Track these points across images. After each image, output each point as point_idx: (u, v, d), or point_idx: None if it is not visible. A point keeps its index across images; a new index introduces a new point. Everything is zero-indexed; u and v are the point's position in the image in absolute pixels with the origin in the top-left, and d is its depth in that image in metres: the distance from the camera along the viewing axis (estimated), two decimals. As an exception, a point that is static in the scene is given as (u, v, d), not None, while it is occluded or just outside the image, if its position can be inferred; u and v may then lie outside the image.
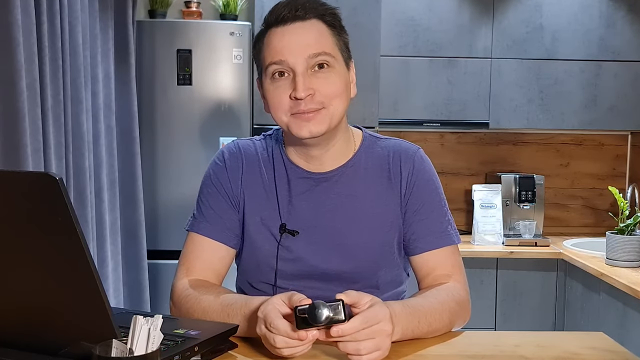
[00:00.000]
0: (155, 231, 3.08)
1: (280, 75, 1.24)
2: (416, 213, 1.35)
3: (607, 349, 1.17)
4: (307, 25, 1.24)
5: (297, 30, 1.24)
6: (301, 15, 1.24)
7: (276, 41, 1.24)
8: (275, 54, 1.23)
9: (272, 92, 1.26)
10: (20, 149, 1.99)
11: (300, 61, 1.22)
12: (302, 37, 1.23)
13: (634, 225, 2.81)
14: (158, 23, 3.14)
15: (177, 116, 3.06)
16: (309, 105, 1.23)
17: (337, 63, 1.26)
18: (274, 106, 1.26)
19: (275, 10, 1.25)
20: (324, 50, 1.23)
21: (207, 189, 1.38)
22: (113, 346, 0.84)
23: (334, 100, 1.25)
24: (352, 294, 1.07)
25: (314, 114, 1.24)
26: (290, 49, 1.22)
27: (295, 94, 1.22)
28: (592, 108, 3.45)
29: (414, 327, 1.16)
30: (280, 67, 1.23)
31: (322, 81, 1.24)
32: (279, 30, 1.24)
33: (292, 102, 1.23)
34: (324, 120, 1.25)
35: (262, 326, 1.07)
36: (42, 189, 0.89)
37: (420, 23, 3.37)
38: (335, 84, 1.25)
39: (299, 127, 1.25)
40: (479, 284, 3.22)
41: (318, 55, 1.23)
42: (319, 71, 1.24)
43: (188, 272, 1.33)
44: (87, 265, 0.90)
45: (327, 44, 1.25)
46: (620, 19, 3.41)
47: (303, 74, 1.22)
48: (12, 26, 1.94)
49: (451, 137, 3.77)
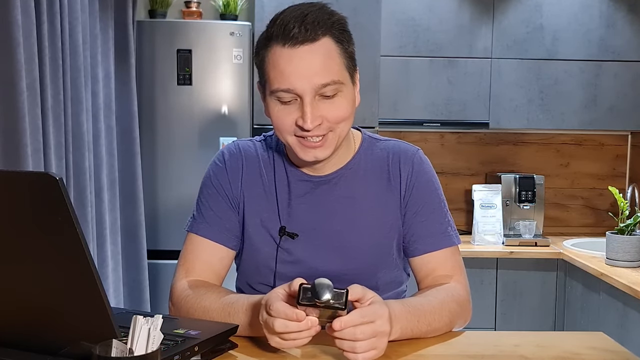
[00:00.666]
0: (155, 231, 3.08)
1: (287, 100, 1.20)
2: (416, 214, 1.34)
3: (607, 349, 1.17)
4: (316, 48, 1.18)
5: (307, 54, 1.17)
6: (311, 36, 1.17)
7: (283, 64, 1.18)
8: (282, 80, 1.18)
9: (277, 114, 1.22)
10: (20, 149, 1.99)
11: (308, 90, 1.18)
12: (311, 64, 1.17)
13: (634, 225, 2.81)
14: (158, 23, 3.14)
15: (177, 116, 3.06)
16: (316, 132, 1.21)
17: (345, 87, 1.22)
18: (277, 127, 1.24)
19: (282, 24, 1.18)
20: (333, 79, 1.19)
21: (207, 190, 1.37)
22: (113, 346, 0.84)
23: (341, 124, 1.23)
24: (357, 289, 1.07)
25: (321, 141, 1.22)
26: (298, 75, 1.17)
27: (302, 124, 1.19)
28: (592, 108, 3.45)
29: (412, 327, 1.16)
30: (288, 93, 1.19)
31: (329, 107, 1.20)
32: (287, 52, 1.17)
33: (296, 127, 1.21)
34: (331, 145, 1.24)
35: (263, 312, 1.07)
36: (42, 189, 0.88)
37: (420, 23, 3.37)
38: (343, 109, 1.22)
39: (305, 152, 1.24)
40: (479, 284, 3.22)
41: (327, 85, 1.19)
42: (327, 98, 1.20)
43: (187, 273, 1.33)
44: (87, 265, 0.90)
45: (336, 69, 1.20)
46: (620, 19, 3.41)
47: (311, 102, 1.19)
48: (12, 26, 1.94)
49: (451, 137, 3.77)
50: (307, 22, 1.17)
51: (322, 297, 1.00)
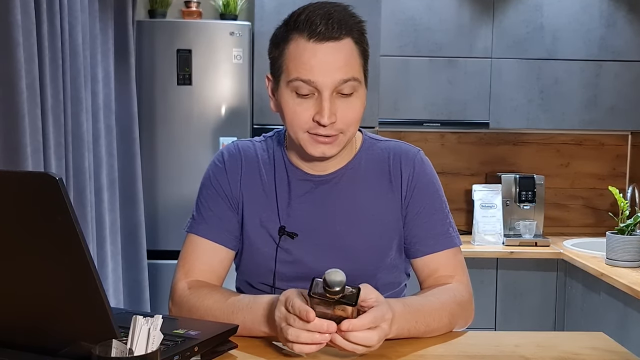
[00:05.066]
0: (155, 231, 3.08)
1: (304, 94, 1.22)
2: (417, 216, 1.34)
3: (607, 349, 1.17)
4: (340, 47, 1.20)
5: (331, 50, 1.20)
6: (337, 35, 1.20)
7: (307, 57, 1.20)
8: (304, 71, 1.20)
9: (292, 107, 1.24)
10: (20, 149, 1.98)
11: (329, 84, 1.20)
12: (335, 59, 1.20)
13: (634, 225, 2.81)
14: (158, 23, 3.14)
15: (177, 116, 3.06)
16: (329, 131, 1.23)
17: (361, 87, 1.25)
18: (290, 121, 1.25)
19: (308, 19, 1.20)
20: (353, 75, 1.22)
21: (207, 191, 1.37)
22: (113, 346, 0.84)
23: (351, 127, 1.25)
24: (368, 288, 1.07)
25: (331, 138, 1.24)
26: (321, 69, 1.19)
27: (319, 119, 1.20)
28: (593, 108, 3.45)
29: (410, 327, 1.17)
30: (308, 85, 1.21)
31: (344, 106, 1.23)
32: (311, 46, 1.19)
33: (312, 123, 1.22)
34: (339, 144, 1.26)
35: (281, 307, 1.07)
36: (42, 189, 0.88)
37: (420, 23, 3.37)
38: (356, 110, 1.25)
39: (314, 147, 1.25)
40: (479, 284, 3.22)
41: (347, 81, 1.21)
42: (344, 96, 1.23)
43: (187, 273, 1.33)
44: (87, 265, 0.90)
45: (356, 68, 1.23)
46: (620, 18, 3.41)
47: (330, 97, 1.21)
48: (12, 26, 1.94)
49: (451, 137, 3.77)
50: (334, 20, 1.20)
51: (335, 285, 0.99)
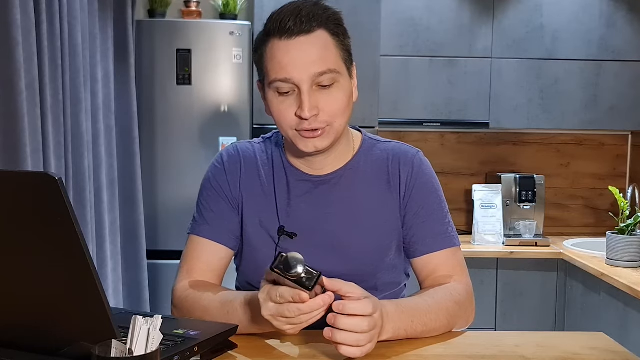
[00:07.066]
0: (155, 231, 3.08)
1: (285, 92, 1.23)
2: (416, 216, 1.34)
3: (607, 349, 1.17)
4: (312, 39, 1.21)
5: (302, 45, 1.20)
6: (307, 28, 1.20)
7: (280, 56, 1.21)
8: (280, 70, 1.21)
9: (277, 107, 1.25)
10: (20, 149, 1.98)
11: (305, 78, 1.20)
12: (307, 54, 1.20)
13: (634, 226, 2.81)
14: (157, 23, 3.13)
15: (177, 116, 3.06)
16: (314, 124, 1.23)
17: (342, 77, 1.25)
18: (278, 121, 1.26)
19: (278, 19, 1.21)
20: (329, 67, 1.22)
21: (207, 192, 1.38)
22: (113, 346, 0.84)
23: (337, 118, 1.25)
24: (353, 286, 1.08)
25: (319, 132, 1.24)
26: (295, 65, 1.20)
27: (300, 113, 1.21)
28: (593, 108, 3.45)
29: (406, 327, 1.16)
30: (286, 83, 1.22)
31: (326, 98, 1.23)
32: (283, 44, 1.21)
33: (297, 120, 1.23)
34: (329, 137, 1.26)
35: (268, 304, 1.07)
36: (42, 189, 0.88)
37: (420, 23, 3.37)
38: (339, 100, 1.24)
39: (305, 143, 1.26)
40: (479, 284, 3.22)
41: (323, 73, 1.21)
42: (324, 88, 1.23)
43: (188, 274, 1.34)
44: (87, 266, 0.90)
45: (332, 59, 1.23)
46: (620, 18, 3.41)
47: (308, 91, 1.21)
48: (12, 26, 1.94)
49: (451, 137, 3.77)
50: (302, 15, 1.21)
51: (293, 269, 1.02)
